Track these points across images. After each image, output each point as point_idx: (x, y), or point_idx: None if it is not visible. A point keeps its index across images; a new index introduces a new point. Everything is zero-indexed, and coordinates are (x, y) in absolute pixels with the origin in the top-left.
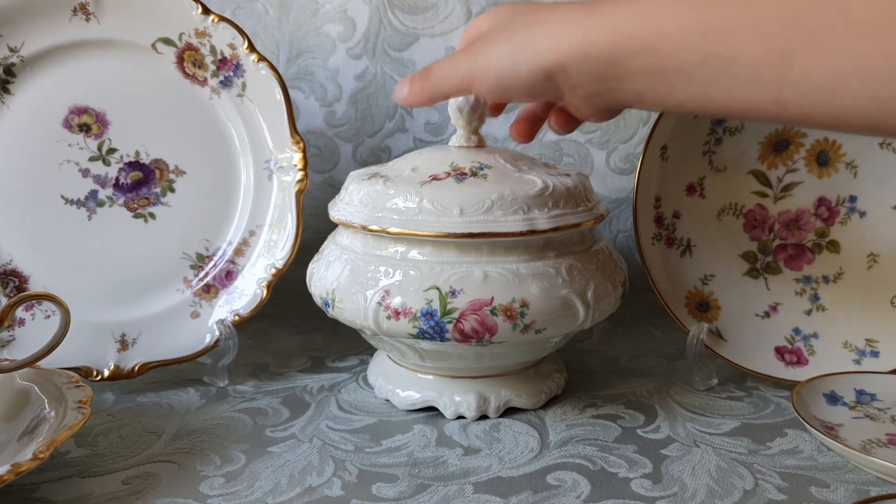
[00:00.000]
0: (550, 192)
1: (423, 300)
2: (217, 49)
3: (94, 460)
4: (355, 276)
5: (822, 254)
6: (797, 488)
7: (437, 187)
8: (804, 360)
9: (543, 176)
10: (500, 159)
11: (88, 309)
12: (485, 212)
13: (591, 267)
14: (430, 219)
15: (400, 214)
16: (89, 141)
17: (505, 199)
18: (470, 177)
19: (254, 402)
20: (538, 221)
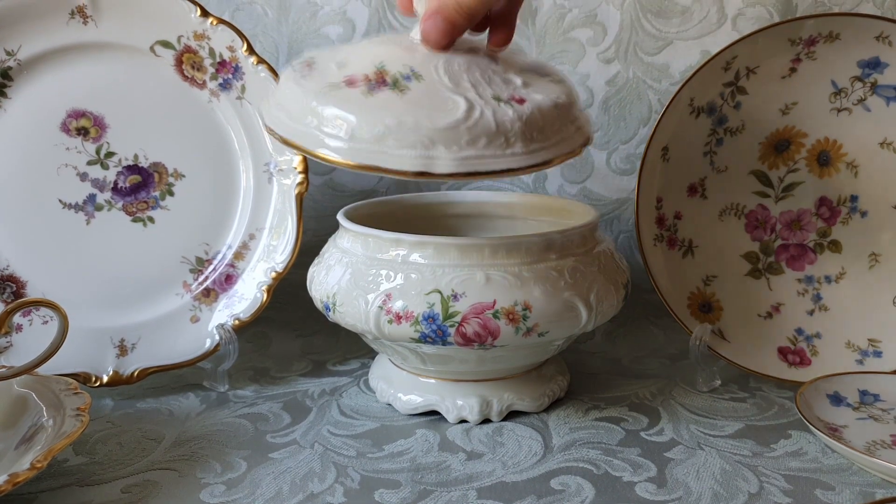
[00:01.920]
0: (470, 123)
1: (425, 304)
2: (216, 52)
3: (92, 468)
4: (356, 279)
5: (823, 254)
6: (802, 491)
7: (340, 98)
8: (807, 361)
9: (481, 99)
10: (443, 67)
11: (87, 314)
12: (376, 140)
13: (594, 269)
14: (317, 134)
15: (296, 123)
16: (87, 145)
17: (403, 127)
18: (386, 88)
19: (254, 408)
20: (437, 162)
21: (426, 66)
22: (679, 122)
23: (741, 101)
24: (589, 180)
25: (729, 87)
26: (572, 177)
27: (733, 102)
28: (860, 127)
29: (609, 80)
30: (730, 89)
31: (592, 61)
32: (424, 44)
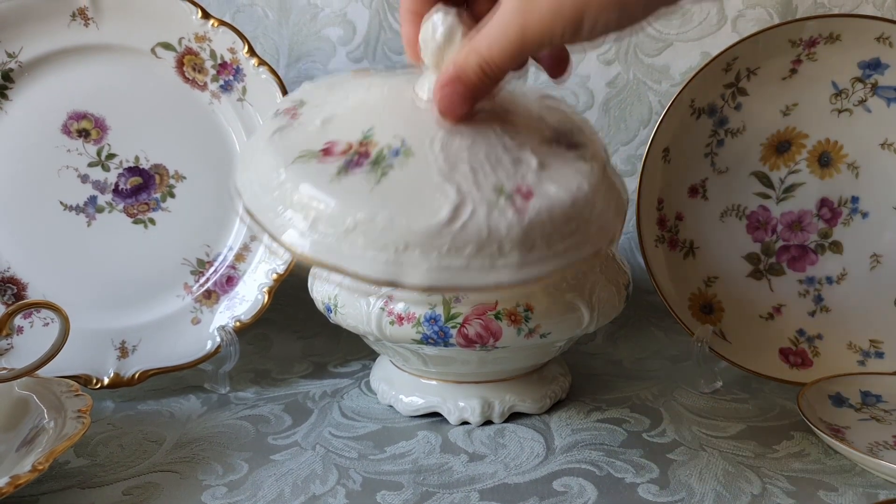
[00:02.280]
0: (455, 228)
1: (427, 305)
2: (217, 53)
3: (94, 470)
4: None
5: (824, 255)
6: (805, 492)
7: (310, 173)
8: (809, 362)
9: (477, 191)
10: (440, 142)
11: (88, 316)
12: (342, 234)
13: (595, 270)
14: (281, 212)
15: (263, 192)
16: (88, 146)
17: (374, 225)
18: (365, 166)
19: (256, 409)
20: (409, 271)
21: (421, 139)
22: (680, 123)
23: (742, 103)
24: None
25: (730, 89)
26: None
27: (734, 103)
28: (861, 128)
29: (609, 81)
30: (730, 90)
31: (593, 63)
32: (440, 115)
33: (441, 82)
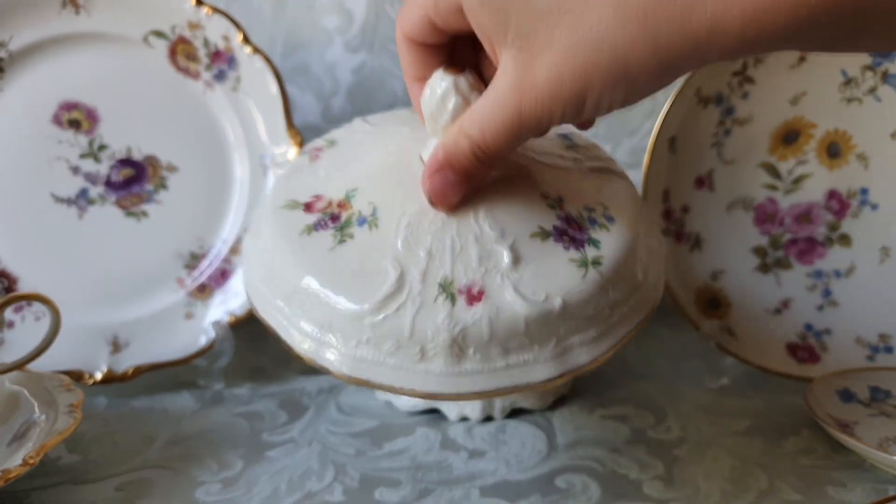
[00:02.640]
0: (377, 318)
1: None
2: (210, 42)
3: (86, 466)
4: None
5: (833, 248)
6: (813, 488)
7: (280, 224)
8: (816, 357)
9: (420, 282)
10: (410, 214)
11: (80, 310)
12: (284, 297)
13: None
14: (250, 261)
15: (251, 236)
16: (80, 137)
17: (308, 295)
18: (329, 230)
19: (251, 406)
20: (328, 353)
21: (394, 212)
22: (686, 112)
23: (749, 91)
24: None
25: (737, 77)
26: None
27: (741, 92)
28: (871, 118)
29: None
30: (737, 79)
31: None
32: (431, 205)
33: (430, 169)
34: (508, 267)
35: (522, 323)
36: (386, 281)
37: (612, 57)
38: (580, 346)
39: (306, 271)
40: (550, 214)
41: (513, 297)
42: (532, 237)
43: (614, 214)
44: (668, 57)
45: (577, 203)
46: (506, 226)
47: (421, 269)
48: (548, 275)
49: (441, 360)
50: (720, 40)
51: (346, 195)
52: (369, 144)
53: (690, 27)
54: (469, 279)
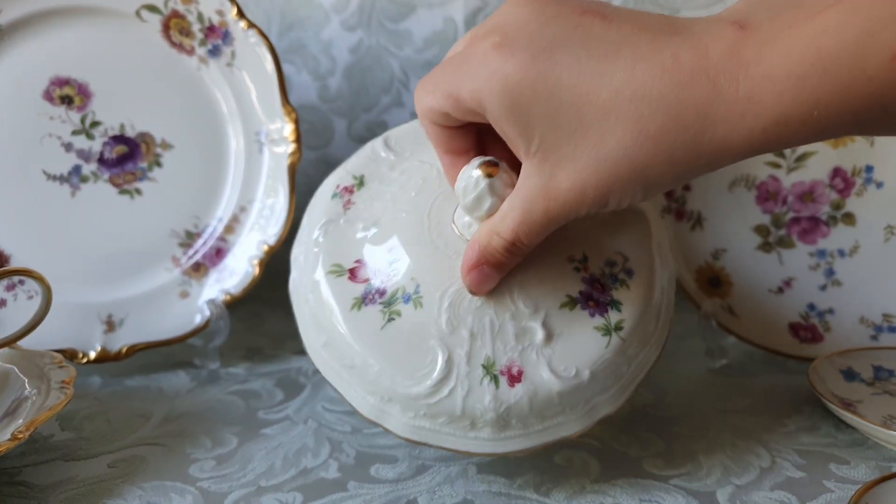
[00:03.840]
0: (432, 401)
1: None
2: (204, 16)
3: (79, 443)
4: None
5: (837, 227)
6: (816, 465)
7: (334, 291)
8: (819, 337)
9: (467, 364)
10: (451, 297)
11: (73, 289)
12: (344, 367)
13: None
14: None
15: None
16: (72, 114)
17: (367, 371)
18: (377, 306)
19: (246, 385)
20: (391, 420)
21: (435, 288)
22: None
23: None
24: None
25: None
26: None
27: None
28: None
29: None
30: None
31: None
32: (469, 292)
33: (468, 264)
34: (542, 343)
35: (557, 397)
36: (436, 365)
37: (632, 171)
38: (604, 402)
39: (363, 351)
40: (576, 279)
41: (548, 375)
42: (561, 307)
43: (633, 265)
44: (684, 169)
45: (599, 259)
46: (538, 300)
47: (465, 350)
48: (576, 348)
49: (489, 430)
50: (731, 153)
51: (388, 266)
52: (397, 187)
53: (703, 146)
54: (508, 358)
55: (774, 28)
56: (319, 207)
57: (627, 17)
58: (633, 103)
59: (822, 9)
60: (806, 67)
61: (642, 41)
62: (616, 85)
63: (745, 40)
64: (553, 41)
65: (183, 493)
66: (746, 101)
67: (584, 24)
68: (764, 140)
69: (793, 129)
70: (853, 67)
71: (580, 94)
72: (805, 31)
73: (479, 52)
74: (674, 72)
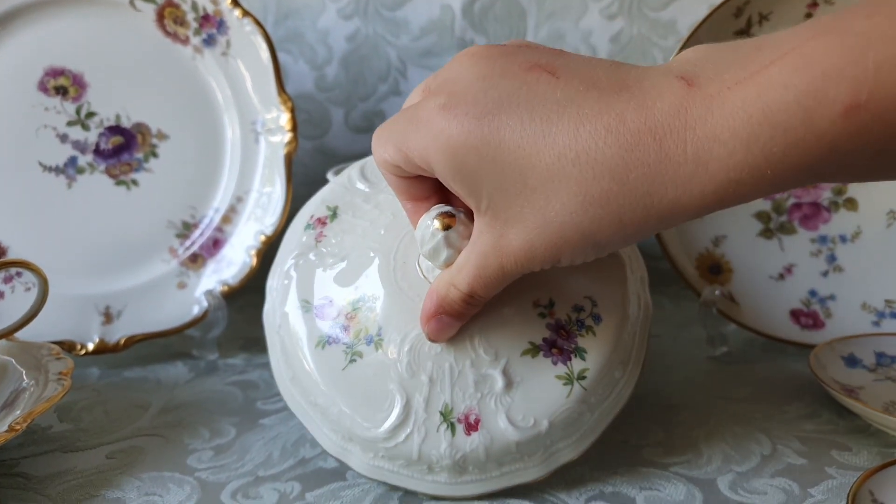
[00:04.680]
0: (389, 445)
1: None
2: (199, 5)
3: (77, 435)
4: None
5: (838, 212)
6: (818, 452)
7: (303, 322)
8: (820, 323)
9: (424, 410)
10: (410, 342)
11: (70, 281)
12: (309, 404)
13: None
14: (277, 352)
15: (268, 316)
16: (67, 104)
17: (328, 412)
18: (340, 345)
19: (245, 375)
20: (353, 458)
21: (396, 332)
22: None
23: None
24: None
25: (740, 36)
26: None
27: None
28: None
29: (612, 37)
30: (741, 38)
31: (595, 17)
32: (429, 340)
33: (426, 313)
34: (501, 391)
35: (514, 446)
36: (394, 409)
37: (580, 235)
38: (565, 449)
39: (325, 391)
40: (540, 325)
41: (505, 424)
42: (523, 355)
43: (602, 311)
44: (634, 230)
45: (567, 304)
46: (499, 347)
47: (424, 396)
48: (536, 397)
49: (446, 475)
50: (683, 214)
51: (353, 306)
52: (368, 222)
53: (653, 208)
54: (466, 406)
55: (721, 84)
56: (293, 238)
57: (576, 70)
58: (577, 167)
59: (767, 64)
60: (753, 126)
61: (588, 100)
62: (560, 147)
63: (691, 98)
64: (498, 102)
65: (181, 483)
66: (695, 163)
67: (530, 82)
68: (717, 199)
69: (747, 188)
70: (803, 125)
71: (524, 157)
72: (751, 89)
73: (427, 110)
74: (619, 133)
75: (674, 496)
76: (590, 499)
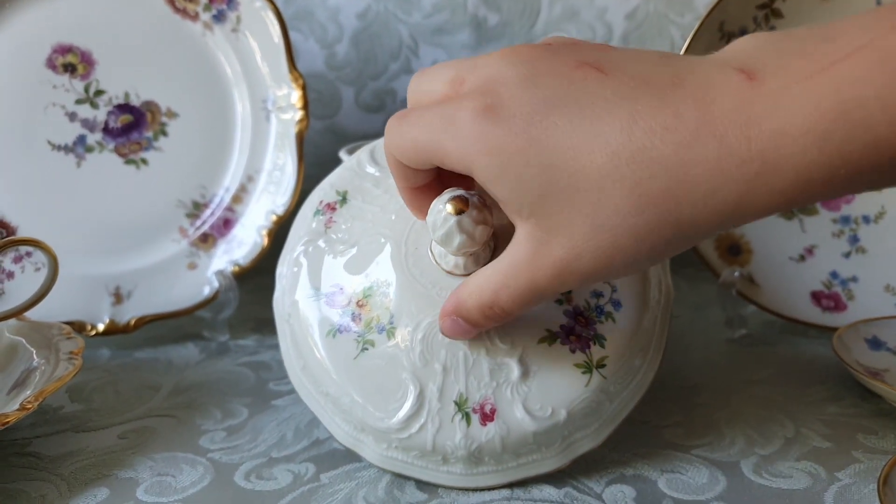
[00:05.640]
0: (403, 435)
1: None
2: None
3: (88, 415)
4: None
5: (861, 193)
6: (843, 435)
7: (315, 311)
8: (842, 306)
9: (438, 400)
10: (424, 329)
11: (80, 261)
12: (320, 394)
13: None
14: (287, 335)
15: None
16: (75, 82)
17: (339, 402)
18: (351, 334)
19: (256, 356)
20: (366, 449)
21: (409, 320)
22: (708, 48)
23: (776, 26)
24: None
25: (763, 10)
26: None
27: (767, 27)
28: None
29: (628, 14)
30: (763, 12)
31: None
32: (442, 334)
33: (444, 311)
34: (518, 380)
35: (531, 437)
36: (407, 399)
37: (635, 239)
38: (584, 438)
39: (336, 380)
40: (558, 312)
41: (522, 414)
42: (540, 342)
43: (622, 296)
44: (692, 231)
45: (585, 289)
46: (515, 335)
47: (438, 385)
48: (554, 387)
49: (461, 466)
50: (746, 215)
51: (364, 293)
52: (378, 207)
53: (715, 206)
54: (482, 395)
55: (787, 78)
56: (302, 224)
57: (626, 66)
58: (631, 166)
59: (841, 58)
60: (827, 124)
61: (641, 97)
62: (613, 147)
63: (754, 92)
64: (546, 103)
65: (194, 463)
66: (761, 161)
67: (578, 80)
68: (785, 200)
69: (817, 188)
70: (884, 122)
71: (573, 158)
72: (824, 83)
73: (467, 112)
74: (676, 130)
75: (696, 479)
76: (611, 482)
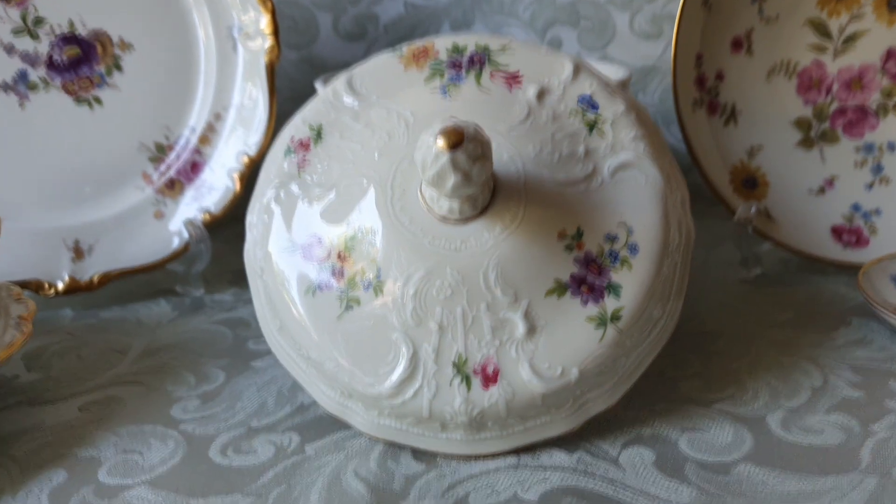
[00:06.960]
0: (396, 402)
1: None
2: None
3: (46, 385)
4: None
5: (887, 117)
6: (874, 383)
7: (292, 265)
8: (864, 241)
9: (434, 362)
10: (418, 280)
11: (32, 214)
12: (302, 358)
13: None
14: (264, 305)
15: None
16: (10, 10)
17: (323, 367)
18: (334, 291)
19: (234, 312)
20: (355, 417)
21: (398, 273)
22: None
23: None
24: (610, 46)
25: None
26: (590, 43)
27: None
28: None
29: None
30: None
31: None
32: None
33: None
34: (523, 337)
35: (539, 399)
36: (399, 362)
37: None
38: (597, 398)
39: (318, 343)
40: (567, 259)
41: (528, 375)
42: (548, 295)
43: (639, 238)
44: None
45: (598, 233)
46: (520, 286)
47: (433, 346)
48: (564, 343)
49: (462, 432)
50: None
51: (346, 245)
52: (359, 144)
53: None
54: (483, 355)
55: None
56: (272, 166)
57: None
58: None
59: None
60: None
61: None
62: None
63: None
64: None
65: (164, 437)
66: None
67: None
68: None
69: None
70: None
71: None
72: None
73: None
74: None
75: (720, 438)
76: (627, 443)
